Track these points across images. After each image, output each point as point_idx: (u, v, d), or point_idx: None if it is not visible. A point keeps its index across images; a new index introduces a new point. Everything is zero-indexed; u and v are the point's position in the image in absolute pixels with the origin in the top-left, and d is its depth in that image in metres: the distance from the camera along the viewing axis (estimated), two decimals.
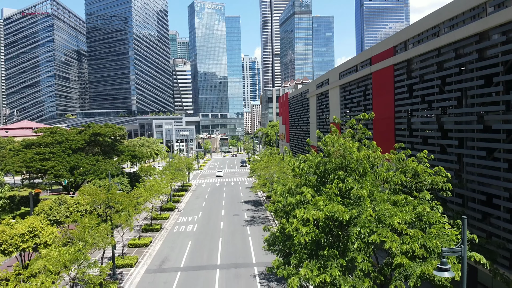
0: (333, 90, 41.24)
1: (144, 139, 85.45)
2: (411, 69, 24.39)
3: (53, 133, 50.26)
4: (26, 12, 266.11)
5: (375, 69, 29.37)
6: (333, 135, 16.21)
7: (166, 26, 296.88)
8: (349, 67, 35.97)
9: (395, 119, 26.43)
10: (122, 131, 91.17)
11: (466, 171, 19.19)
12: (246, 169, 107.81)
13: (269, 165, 49.16)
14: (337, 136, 17.00)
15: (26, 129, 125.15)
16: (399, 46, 25.82)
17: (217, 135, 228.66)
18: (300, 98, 60.50)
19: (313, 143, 52.13)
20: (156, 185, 43.03)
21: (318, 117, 48.42)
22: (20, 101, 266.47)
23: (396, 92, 26.20)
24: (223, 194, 67.24)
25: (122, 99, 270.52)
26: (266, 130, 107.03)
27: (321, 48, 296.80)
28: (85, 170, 46.06)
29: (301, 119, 60.46)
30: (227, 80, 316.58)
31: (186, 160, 70.88)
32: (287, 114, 74.30)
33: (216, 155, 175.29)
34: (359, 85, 33.30)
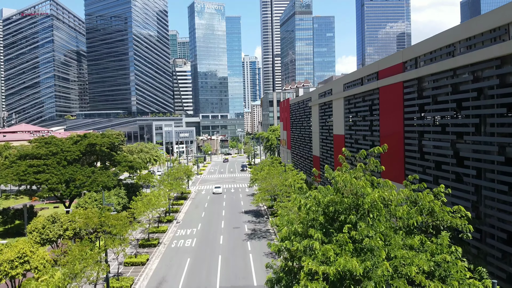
0: (336, 101, 39.81)
1: (143, 144, 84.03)
2: (423, 88, 22.95)
3: (48, 144, 48.84)
4: (25, 13, 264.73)
5: (382, 84, 27.94)
6: (345, 174, 14.69)
7: (166, 27, 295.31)
8: (354, 79, 34.52)
9: (405, 139, 25.00)
10: (121, 137, 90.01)
11: (484, 204, 17.77)
12: (246, 174, 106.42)
13: (270, 175, 47.73)
14: (348, 172, 15.56)
15: (24, 132, 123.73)
16: (409, 62, 24.35)
17: (217, 137, 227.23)
18: (302, 106, 59.05)
19: (315, 154, 50.75)
20: (153, 199, 41.64)
21: (321, 127, 46.98)
22: (19, 102, 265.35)
23: (405, 110, 24.76)
24: (223, 203, 65.82)
25: (122, 100, 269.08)
26: (266, 135, 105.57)
27: (322, 49, 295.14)
28: (80, 183, 44.66)
29: (303, 127, 59.03)
30: (227, 81, 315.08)
31: (185, 168, 69.49)
32: (288, 120, 72.86)
33: (216, 157, 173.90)
34: (365, 99, 31.86)
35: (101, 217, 27.26)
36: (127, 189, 50.78)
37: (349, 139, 36.10)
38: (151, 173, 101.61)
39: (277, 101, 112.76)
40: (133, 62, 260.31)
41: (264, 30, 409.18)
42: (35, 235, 34.62)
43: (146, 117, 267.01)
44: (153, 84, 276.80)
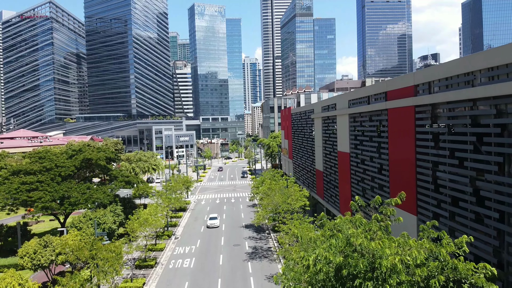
0: (341, 117, 38.21)
1: (142, 153, 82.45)
2: (437, 115, 21.34)
3: (42, 159, 47.28)
4: (25, 15, 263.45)
5: (391, 105, 26.34)
6: (361, 238, 12.78)
7: (166, 29, 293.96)
8: (360, 96, 32.91)
9: (417, 167, 23.40)
10: (119, 145, 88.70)
11: (508, 252, 16.16)
12: (247, 181, 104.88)
13: (272, 191, 46.10)
14: (362, 225, 13.92)
15: (22, 139, 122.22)
16: (421, 86, 22.74)
17: (217, 141, 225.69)
18: (304, 117, 57.43)
19: (319, 168, 49.14)
20: (150, 218, 40.07)
21: (324, 141, 45.36)
22: (19, 105, 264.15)
23: (417, 137, 23.15)
24: (223, 215, 64.20)
25: (122, 102, 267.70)
26: (267, 142, 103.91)
27: (323, 51, 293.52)
28: (75, 200, 43.07)
29: (305, 139, 57.42)
30: (227, 83, 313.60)
31: (184, 179, 67.87)
32: (289, 129, 71.27)
33: (216, 162, 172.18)
34: (372, 119, 30.26)
35: (92, 250, 25.66)
36: (124, 205, 49.22)
37: (355, 158, 34.50)
38: (151, 180, 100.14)
39: (278, 107, 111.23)
40: (133, 65, 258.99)
41: (264, 32, 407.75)
42: (26, 260, 33.04)
43: (146, 120, 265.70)
44: (153, 86, 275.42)
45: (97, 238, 28.45)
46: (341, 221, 15.18)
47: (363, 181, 32.79)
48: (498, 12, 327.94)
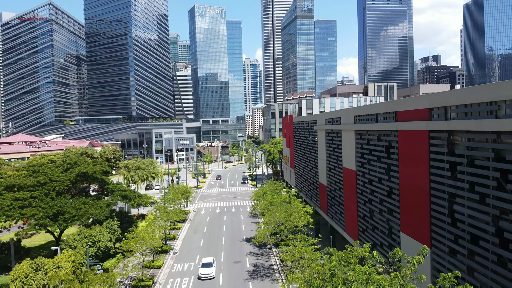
0: (346, 133, 36.67)
1: (140, 161, 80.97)
2: (454, 143, 19.80)
3: (36, 172, 45.75)
4: (24, 17, 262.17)
5: (402, 127, 24.80)
6: None
7: (167, 31, 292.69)
8: (367, 113, 31.37)
9: (431, 196, 21.86)
10: (118, 152, 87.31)
11: None
12: (247, 187, 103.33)
13: (274, 207, 44.54)
14: None
15: (20, 143, 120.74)
16: (436, 110, 21.19)
17: (217, 144, 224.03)
18: (307, 127, 55.87)
19: (322, 182, 47.56)
20: (147, 237, 38.55)
21: (328, 155, 43.79)
22: (18, 107, 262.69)
23: (432, 164, 21.60)
24: (223, 226, 62.61)
25: (122, 105, 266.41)
26: (268, 147, 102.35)
27: (324, 53, 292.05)
28: (69, 216, 41.51)
29: (307, 149, 55.85)
30: (228, 85, 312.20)
31: (183, 189, 66.34)
32: (291, 138, 69.70)
33: (217, 166, 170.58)
34: (381, 139, 28.72)
35: (84, 282, 24.12)
36: (121, 219, 47.72)
37: (362, 177, 32.94)
38: (150, 187, 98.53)
39: (279, 112, 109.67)
40: (133, 67, 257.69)
41: (265, 33, 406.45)
42: (17, 285, 31.57)
43: (146, 122, 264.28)
44: (153, 89, 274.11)
45: (90, 267, 26.87)
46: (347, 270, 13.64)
47: (371, 202, 31.24)
48: (499, 14, 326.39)
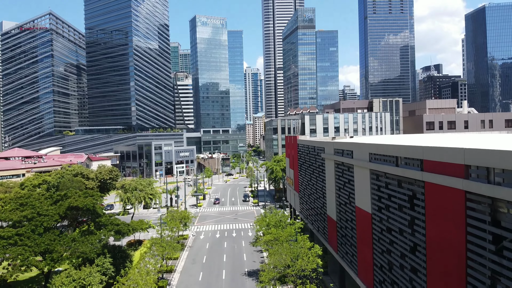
0: (360, 170, 33.50)
1: (138, 181, 77.72)
2: (500, 213, 16.62)
3: (23, 206, 42.54)
4: (24, 27, 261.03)
5: (430, 179, 21.67)
6: None
7: (167, 40, 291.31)
8: (385, 154, 28.21)
9: (467, 268, 18.65)
10: (114, 172, 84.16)
11: None
12: (249, 206, 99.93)
13: (279, 242, 41.21)
14: None
15: (16, 159, 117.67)
16: (474, 169, 18.07)
17: (218, 155, 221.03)
18: (313, 152, 52.69)
19: (331, 215, 44.27)
20: (140, 282, 35.21)
21: (338, 189, 40.54)
22: (17, 117, 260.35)
23: (469, 231, 18.43)
24: (223, 256, 59.12)
25: (122, 115, 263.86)
26: (270, 165, 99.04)
27: (325, 63, 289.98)
28: (58, 256, 38.23)
29: (313, 176, 52.58)
30: (229, 95, 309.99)
31: (182, 214, 62.99)
32: (295, 160, 66.47)
33: (217, 180, 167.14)
34: (402, 186, 25.56)
35: None
36: (114, 255, 44.32)
37: (379, 223, 29.66)
38: (147, 206, 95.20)
39: (282, 128, 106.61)
40: (134, 77, 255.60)
41: (266, 43, 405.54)
42: None
43: (146, 132, 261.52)
44: (153, 98, 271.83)
45: None
46: None
47: (390, 253, 27.93)
48: (502, 24, 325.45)
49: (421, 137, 37.47)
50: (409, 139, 36.24)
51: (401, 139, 38.52)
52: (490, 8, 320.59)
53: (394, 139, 41.26)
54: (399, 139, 40.62)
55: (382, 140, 42.02)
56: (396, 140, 40.61)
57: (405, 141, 33.29)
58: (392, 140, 41.87)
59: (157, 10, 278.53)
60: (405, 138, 40.16)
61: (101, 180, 78.67)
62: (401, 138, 41.98)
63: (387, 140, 39.70)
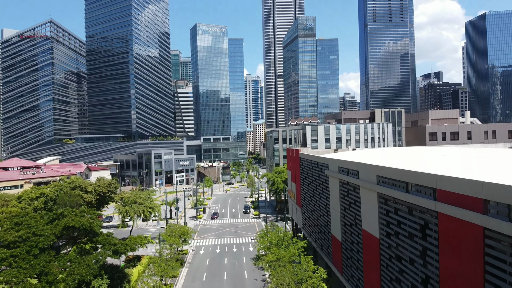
0: (366, 192, 32.30)
1: (137, 194, 76.38)
2: None
3: (18, 225, 41.27)
4: (25, 35, 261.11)
5: (444, 210, 20.49)
6: None
7: (168, 48, 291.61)
8: (393, 178, 27.04)
9: None
10: (113, 185, 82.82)
11: None
12: (250, 218, 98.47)
13: (281, 263, 39.84)
14: None
15: (14, 170, 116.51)
16: (493, 204, 16.91)
17: (218, 164, 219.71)
18: (316, 168, 51.52)
19: (335, 234, 42.96)
20: None
21: (343, 209, 39.29)
22: (17, 126, 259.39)
23: (487, 270, 17.21)
24: (223, 273, 57.57)
25: (122, 123, 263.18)
26: (271, 176, 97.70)
27: (325, 71, 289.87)
28: (53, 278, 36.89)
29: (317, 193, 51.35)
30: (229, 103, 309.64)
31: (182, 230, 61.62)
32: (297, 173, 65.27)
33: (217, 189, 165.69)
34: (413, 213, 24.38)
35: None
36: (111, 276, 43.00)
37: (387, 250, 28.40)
38: (147, 218, 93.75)
39: (283, 138, 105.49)
40: (134, 85, 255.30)
41: (266, 51, 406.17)
42: None
43: (146, 140, 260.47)
44: (153, 107, 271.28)
45: None
46: None
47: (399, 282, 26.62)
48: (502, 32, 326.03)
49: (429, 155, 36.21)
50: (417, 157, 35.02)
51: (409, 156, 37.30)
52: (490, 16, 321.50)
53: (401, 155, 40.02)
54: (406, 155, 39.38)
55: (388, 156, 40.79)
56: (403, 155, 39.40)
57: (413, 160, 32.10)
58: (398, 155, 40.66)
59: (157, 19, 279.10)
60: (412, 155, 38.90)
61: (100, 193, 77.39)
62: (408, 153, 40.68)
63: (394, 157, 38.50)
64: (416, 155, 37.85)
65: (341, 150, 79.82)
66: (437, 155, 35.14)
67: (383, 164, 30.32)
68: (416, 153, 40.81)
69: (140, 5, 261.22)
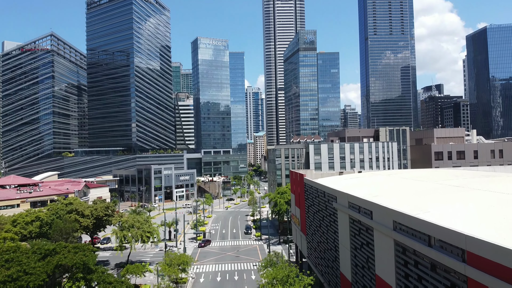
0: (381, 236, 29.98)
1: (135, 218, 73.84)
2: None
3: (9, 262, 38.85)
4: (25, 48, 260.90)
5: (475, 276, 18.26)
6: None
7: (169, 62, 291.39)
8: (414, 227, 24.77)
9: None
10: (110, 208, 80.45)
11: None
12: (252, 240, 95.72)
13: None
14: None
15: (11, 189, 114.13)
16: None
17: (219, 178, 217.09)
18: (322, 198, 49.19)
19: (345, 273, 40.46)
20: None
21: (354, 248, 36.90)
22: (16, 139, 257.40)
23: None
24: None
25: (122, 136, 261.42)
26: (273, 197, 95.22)
27: (326, 85, 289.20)
28: None
29: (324, 224, 48.97)
30: (230, 116, 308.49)
31: (181, 259, 59.05)
32: (302, 199, 62.93)
33: (218, 206, 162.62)
34: (436, 271, 22.10)
35: None
36: None
37: None
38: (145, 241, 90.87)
39: (285, 158, 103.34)
40: (135, 98, 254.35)
41: (267, 63, 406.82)
42: None
43: (146, 154, 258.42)
44: (154, 120, 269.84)
45: None
46: None
47: None
48: (503, 45, 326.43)
49: (448, 190, 33.78)
50: (434, 191, 32.63)
51: (427, 189, 34.91)
52: (491, 30, 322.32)
53: (417, 188, 37.59)
54: (423, 187, 36.95)
55: (402, 188, 38.47)
56: (419, 188, 36.93)
57: (432, 198, 29.61)
58: (414, 188, 38.23)
59: (159, 32, 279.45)
60: (429, 186, 36.47)
61: (97, 217, 74.93)
62: (424, 185, 38.23)
63: (409, 190, 36.13)
64: (433, 188, 35.45)
65: (346, 173, 77.58)
66: (458, 190, 32.69)
67: (399, 206, 28.03)
68: (433, 185, 38.34)
69: (142, 19, 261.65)
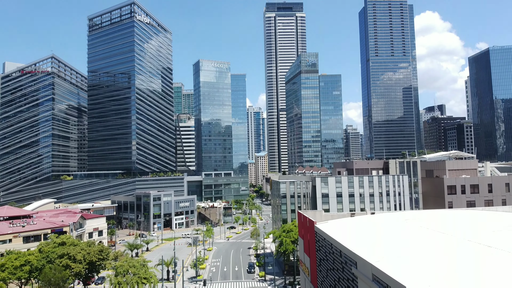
0: None
1: (131, 263, 68.76)
2: None
3: None
4: (25, 70, 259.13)
5: None
6: None
7: (170, 84, 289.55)
8: None
9: None
10: (105, 252, 75.43)
11: None
12: (255, 281, 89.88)
13: None
14: None
15: (3, 222, 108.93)
16: None
17: (219, 204, 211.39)
18: (338, 258, 44.15)
19: None
20: None
21: None
22: (14, 162, 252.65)
23: None
24: None
25: (122, 159, 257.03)
26: (278, 235, 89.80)
27: (329, 107, 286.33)
28: None
29: (340, 286, 43.85)
30: (231, 137, 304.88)
31: None
32: (312, 248, 57.79)
33: (218, 235, 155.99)
34: None
35: None
36: None
37: None
38: None
39: (291, 195, 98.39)
40: (135, 120, 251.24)
41: (268, 85, 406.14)
42: None
43: (146, 177, 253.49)
44: (154, 142, 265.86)
45: None
46: None
47: None
48: (505, 66, 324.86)
49: None
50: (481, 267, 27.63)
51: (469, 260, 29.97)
52: (494, 51, 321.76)
53: (458, 259, 32.61)
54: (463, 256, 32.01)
55: (427, 241, 33.60)
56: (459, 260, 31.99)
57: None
58: (453, 257, 33.31)
59: (160, 54, 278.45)
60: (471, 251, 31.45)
61: (90, 261, 69.75)
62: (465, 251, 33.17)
63: (434, 244, 31.22)
64: (465, 249, 30.41)
65: (357, 214, 72.52)
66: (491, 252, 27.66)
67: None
68: (463, 244, 33.28)
69: (143, 41, 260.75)
